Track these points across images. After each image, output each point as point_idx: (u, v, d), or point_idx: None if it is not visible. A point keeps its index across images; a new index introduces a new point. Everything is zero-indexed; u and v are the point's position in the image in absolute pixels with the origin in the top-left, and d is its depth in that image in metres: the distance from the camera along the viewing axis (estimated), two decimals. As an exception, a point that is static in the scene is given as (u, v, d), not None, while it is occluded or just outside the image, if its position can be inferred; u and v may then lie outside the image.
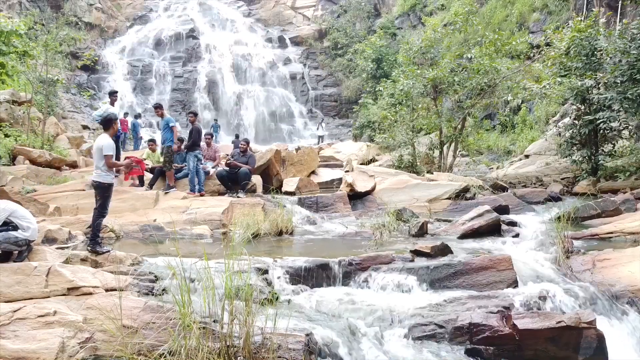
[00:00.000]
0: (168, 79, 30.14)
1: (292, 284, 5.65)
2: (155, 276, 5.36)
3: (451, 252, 6.24)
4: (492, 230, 7.49)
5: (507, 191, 9.93)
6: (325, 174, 11.56)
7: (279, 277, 5.56)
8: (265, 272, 5.66)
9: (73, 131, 22.80)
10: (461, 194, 9.60)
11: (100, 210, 6.12)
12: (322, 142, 25.34)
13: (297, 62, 32.93)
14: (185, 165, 9.85)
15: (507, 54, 13.46)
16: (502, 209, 8.64)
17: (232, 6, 36.93)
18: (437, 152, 14.63)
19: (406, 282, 5.65)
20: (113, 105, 9.89)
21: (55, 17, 30.55)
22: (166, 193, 9.15)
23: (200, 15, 34.98)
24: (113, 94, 10.00)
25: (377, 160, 17.42)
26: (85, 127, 23.63)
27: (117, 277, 4.92)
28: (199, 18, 34.55)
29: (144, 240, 7.67)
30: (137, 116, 20.66)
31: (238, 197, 8.99)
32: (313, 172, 11.60)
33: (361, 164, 16.26)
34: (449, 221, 8.58)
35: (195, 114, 9.65)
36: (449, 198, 9.57)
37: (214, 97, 29.88)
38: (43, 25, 29.66)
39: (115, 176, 9.84)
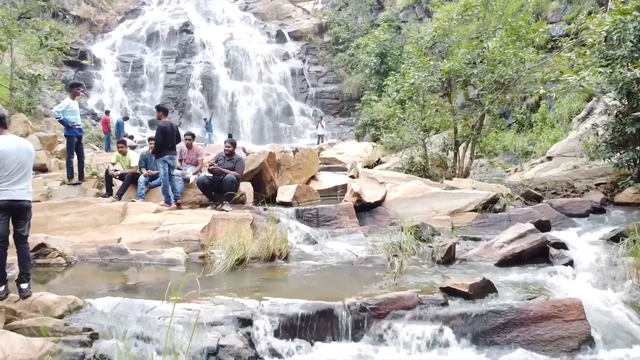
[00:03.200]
0: (160, 75, 28.61)
1: (285, 339, 4.16)
2: (93, 334, 3.84)
3: (494, 291, 4.74)
4: (537, 254, 5.99)
5: (542, 201, 8.42)
6: (327, 180, 10.05)
7: (265, 334, 4.05)
8: (248, 322, 4.16)
9: (55, 130, 21.29)
10: (489, 205, 8.09)
11: (26, 237, 4.60)
12: (322, 142, 23.83)
13: (296, 57, 31.39)
14: (162, 171, 8.34)
15: (530, 44, 11.93)
16: (543, 225, 7.11)
17: (228, -1, 35.36)
18: (450, 154, 13.13)
19: (440, 337, 4.16)
20: (74, 100, 8.36)
21: (42, 10, 29.06)
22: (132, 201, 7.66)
23: (194, 8, 33.41)
24: (75, 87, 8.42)
25: (383, 162, 15.92)
26: (69, 126, 22.08)
27: (29, 343, 3.42)
28: (193, 12, 33.00)
29: (103, 267, 6.16)
30: (126, 118, 19.15)
31: (222, 209, 7.48)
32: (313, 178, 10.09)
33: (366, 166, 14.79)
34: (478, 239, 7.08)
35: (161, 109, 8.00)
36: (474, 210, 8.06)
37: (209, 94, 28.36)
38: (28, 18, 28.29)
39: (78, 183, 8.36)
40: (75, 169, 8.39)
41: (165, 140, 7.64)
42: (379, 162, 15.98)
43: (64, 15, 29.66)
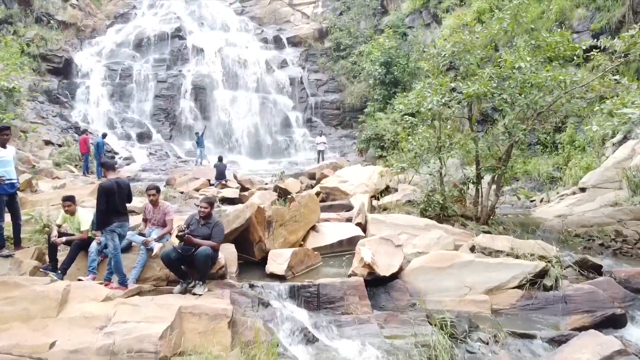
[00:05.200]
0: (150, 84, 26.84)
1: None
2: None
3: None
4: (628, 385, 4.26)
5: (602, 273, 6.66)
6: (330, 232, 8.28)
7: None
8: None
9: (32, 148, 19.58)
10: (537, 279, 6.33)
11: None
12: (322, 158, 22.09)
13: (295, 64, 29.63)
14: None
15: (568, 62, 10.25)
16: (616, 321, 5.39)
17: (223, 3, 33.58)
18: (471, 187, 11.40)
19: None
20: (4, 147, 6.53)
21: (24, 15, 27.34)
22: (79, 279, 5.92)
23: (187, 13, 31.66)
24: (3, 132, 6.52)
25: (391, 188, 14.18)
26: (47, 143, 20.33)
27: None
28: (186, 16, 31.24)
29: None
30: (104, 136, 17.35)
31: (194, 293, 5.73)
32: (313, 228, 8.34)
33: (373, 196, 13.07)
34: (531, 337, 5.36)
35: (105, 166, 6.13)
36: (519, 286, 6.31)
37: (202, 104, 26.60)
38: (10, 24, 26.56)
39: (10, 255, 6.59)
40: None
41: (111, 204, 5.87)
42: (387, 189, 14.25)
43: (48, 21, 27.96)
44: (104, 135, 17.39)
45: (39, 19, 27.65)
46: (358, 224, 8.87)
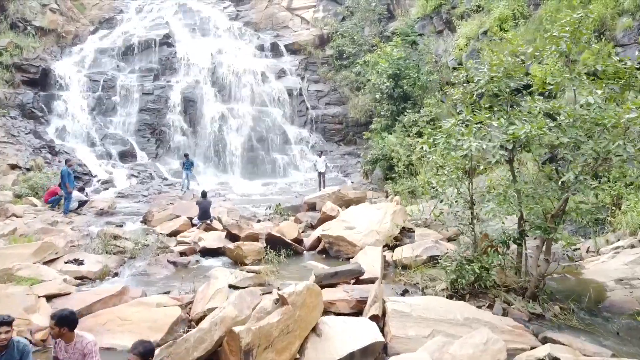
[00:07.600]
0: (135, 97, 24.55)
1: None
2: None
3: None
4: None
5: None
6: (337, 337, 5.95)
7: None
8: None
9: (-5, 172, 17.29)
10: None
11: None
12: (323, 182, 19.79)
13: (294, 74, 27.34)
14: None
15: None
16: None
17: (216, 7, 31.30)
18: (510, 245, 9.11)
19: None
20: None
21: (-2, 21, 25.08)
22: None
23: (177, 18, 29.39)
24: None
25: (406, 234, 11.93)
26: (14, 167, 18.03)
27: None
28: (175, 21, 28.96)
29: None
30: (67, 161, 14.99)
31: None
32: (314, 330, 6.07)
33: (385, 245, 10.83)
34: None
35: None
36: None
37: (192, 118, 24.33)
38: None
39: None
40: None
41: None
42: (404, 231, 12.01)
43: (24, 27, 25.68)
44: (67, 160, 15.05)
45: (14, 25, 25.41)
46: (374, 317, 6.57)
